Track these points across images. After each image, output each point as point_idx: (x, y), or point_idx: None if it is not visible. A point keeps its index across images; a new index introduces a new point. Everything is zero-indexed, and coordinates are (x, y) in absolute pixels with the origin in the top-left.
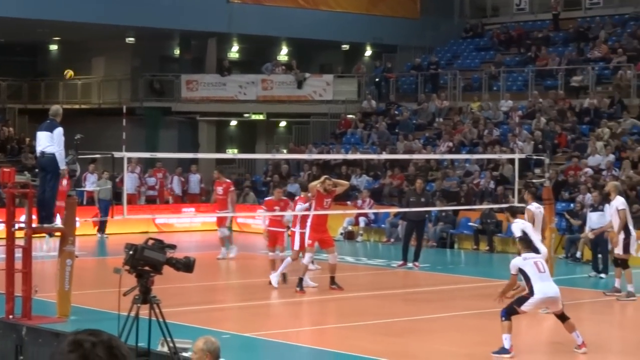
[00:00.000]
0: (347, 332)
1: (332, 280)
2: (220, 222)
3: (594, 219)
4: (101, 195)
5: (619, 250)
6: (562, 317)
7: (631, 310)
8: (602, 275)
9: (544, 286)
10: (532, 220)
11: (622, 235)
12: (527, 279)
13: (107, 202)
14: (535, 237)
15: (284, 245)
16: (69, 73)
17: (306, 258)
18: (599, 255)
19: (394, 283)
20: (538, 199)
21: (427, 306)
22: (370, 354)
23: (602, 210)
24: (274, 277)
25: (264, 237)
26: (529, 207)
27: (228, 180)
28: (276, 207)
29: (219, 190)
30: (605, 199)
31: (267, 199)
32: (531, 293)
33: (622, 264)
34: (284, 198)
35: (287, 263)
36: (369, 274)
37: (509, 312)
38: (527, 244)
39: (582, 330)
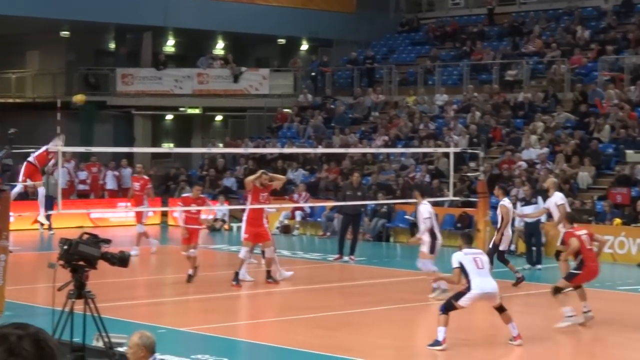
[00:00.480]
0: (283, 326)
1: (268, 274)
2: (139, 218)
3: (526, 212)
4: (50, 191)
5: (559, 244)
6: (500, 309)
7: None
8: (539, 266)
9: (482, 282)
10: (507, 215)
11: (563, 229)
12: (465, 274)
13: (53, 197)
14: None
15: (198, 243)
16: (79, 98)
17: (242, 252)
18: (533, 248)
19: (330, 277)
20: (473, 192)
21: (363, 299)
22: (306, 347)
23: (535, 203)
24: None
25: (181, 233)
26: (502, 202)
27: (146, 177)
28: (193, 204)
29: (136, 185)
30: (538, 192)
31: (184, 195)
32: (469, 288)
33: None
34: (202, 196)
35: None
36: (305, 267)
37: (447, 307)
38: (468, 239)
39: (516, 323)
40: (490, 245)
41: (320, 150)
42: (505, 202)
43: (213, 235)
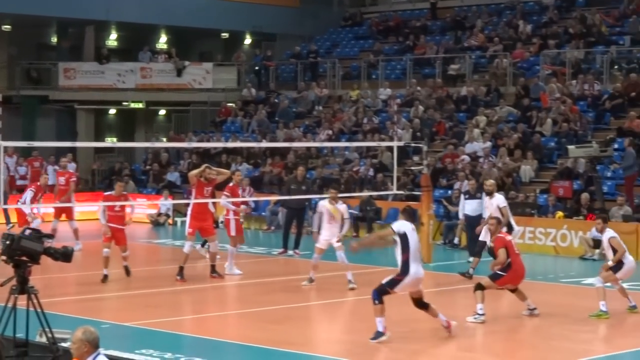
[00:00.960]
0: (228, 320)
1: (213, 269)
2: (65, 213)
3: (469, 207)
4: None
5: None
6: (422, 304)
7: (508, 296)
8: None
9: (418, 267)
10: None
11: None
12: (406, 252)
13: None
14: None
15: (125, 244)
16: None
17: (186, 247)
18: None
19: (274, 271)
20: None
21: (308, 294)
22: (251, 341)
23: (479, 198)
24: (230, 269)
25: (103, 232)
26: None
27: (71, 171)
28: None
29: (61, 180)
30: (482, 187)
31: (107, 193)
32: (406, 272)
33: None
34: (125, 193)
35: (232, 254)
36: (250, 262)
37: (381, 293)
38: (409, 215)
39: (459, 315)
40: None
41: (264, 144)
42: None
43: (157, 230)
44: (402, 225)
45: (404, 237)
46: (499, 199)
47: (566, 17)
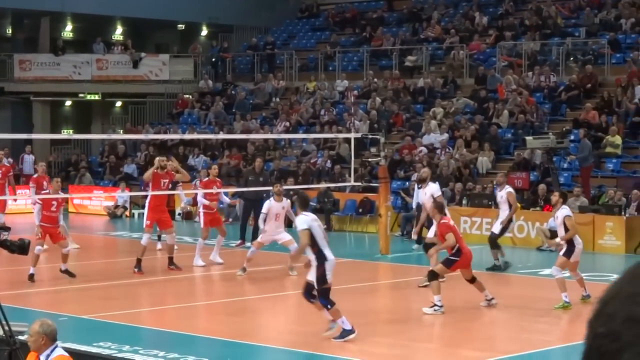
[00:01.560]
0: (185, 312)
1: (171, 261)
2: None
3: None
4: None
5: (430, 235)
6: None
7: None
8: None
9: (329, 251)
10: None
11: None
12: (315, 245)
13: None
14: None
15: (64, 239)
16: None
17: (144, 239)
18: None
19: (232, 263)
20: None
21: (265, 285)
22: (208, 333)
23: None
24: (199, 261)
25: (34, 233)
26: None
27: (7, 164)
28: (54, 202)
29: None
30: (438, 177)
31: (44, 192)
32: (324, 260)
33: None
34: (62, 193)
35: (200, 245)
36: (207, 253)
37: (327, 296)
38: (304, 203)
39: (416, 307)
40: (498, 230)
41: (222, 136)
42: (510, 188)
43: (114, 222)
44: (304, 222)
45: (310, 233)
46: (433, 188)
47: (522, 8)
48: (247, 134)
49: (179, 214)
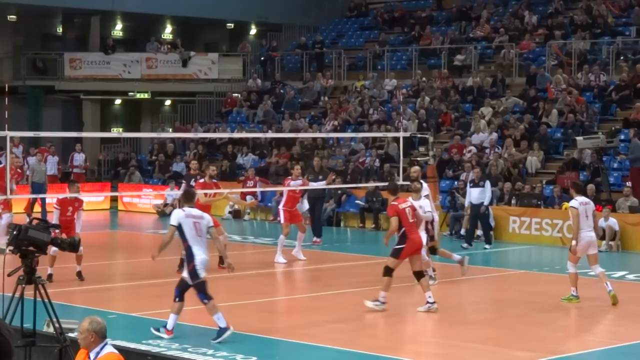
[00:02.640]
0: (234, 310)
1: (221, 260)
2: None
3: (474, 195)
4: (35, 178)
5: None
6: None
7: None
8: (487, 246)
9: (202, 250)
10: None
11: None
12: (185, 241)
13: (41, 184)
14: None
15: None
16: None
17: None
18: (478, 230)
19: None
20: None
21: (314, 284)
22: (255, 331)
23: (482, 186)
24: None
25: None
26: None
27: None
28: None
29: None
30: (487, 176)
31: (62, 196)
32: (192, 258)
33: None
34: (78, 196)
35: (281, 242)
36: (256, 252)
37: (204, 290)
38: (189, 198)
39: (462, 308)
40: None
41: (270, 135)
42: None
43: (163, 221)
44: (175, 217)
45: (179, 228)
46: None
47: (572, 7)
48: (295, 132)
49: (229, 212)
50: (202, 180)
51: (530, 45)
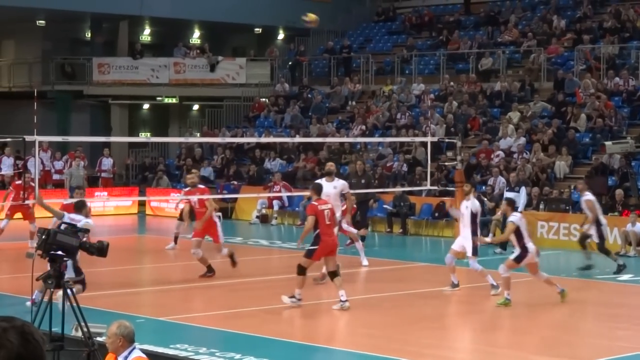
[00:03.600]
0: (264, 316)
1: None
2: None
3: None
4: (73, 182)
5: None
6: None
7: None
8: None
9: None
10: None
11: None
12: None
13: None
14: None
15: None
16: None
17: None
18: None
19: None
20: (450, 182)
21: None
22: (285, 337)
23: (517, 191)
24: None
25: None
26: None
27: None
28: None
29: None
30: (523, 181)
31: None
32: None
33: None
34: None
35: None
36: (283, 257)
37: None
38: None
39: (492, 313)
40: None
41: (298, 139)
42: (589, 196)
43: (190, 225)
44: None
45: None
46: (342, 184)
47: (601, 12)
48: (323, 137)
49: (257, 217)
50: (187, 189)
51: (559, 49)
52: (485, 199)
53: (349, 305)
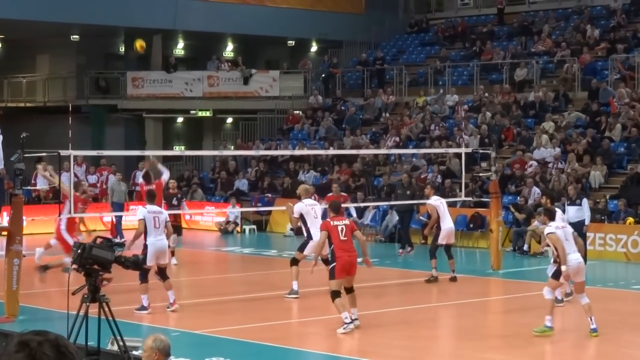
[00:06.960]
0: (298, 328)
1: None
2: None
3: (571, 213)
4: (115, 198)
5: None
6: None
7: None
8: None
9: (154, 238)
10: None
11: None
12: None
13: (121, 204)
14: None
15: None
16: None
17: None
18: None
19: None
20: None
21: (377, 301)
22: (317, 349)
23: (579, 204)
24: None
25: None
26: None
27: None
28: None
29: None
30: (584, 193)
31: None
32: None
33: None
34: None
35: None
36: (317, 269)
37: (145, 275)
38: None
39: (527, 324)
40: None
41: (332, 151)
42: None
43: (225, 238)
44: (140, 213)
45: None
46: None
47: (634, 21)
48: (356, 149)
49: (291, 229)
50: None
51: (592, 59)
52: (514, 211)
53: (358, 324)
